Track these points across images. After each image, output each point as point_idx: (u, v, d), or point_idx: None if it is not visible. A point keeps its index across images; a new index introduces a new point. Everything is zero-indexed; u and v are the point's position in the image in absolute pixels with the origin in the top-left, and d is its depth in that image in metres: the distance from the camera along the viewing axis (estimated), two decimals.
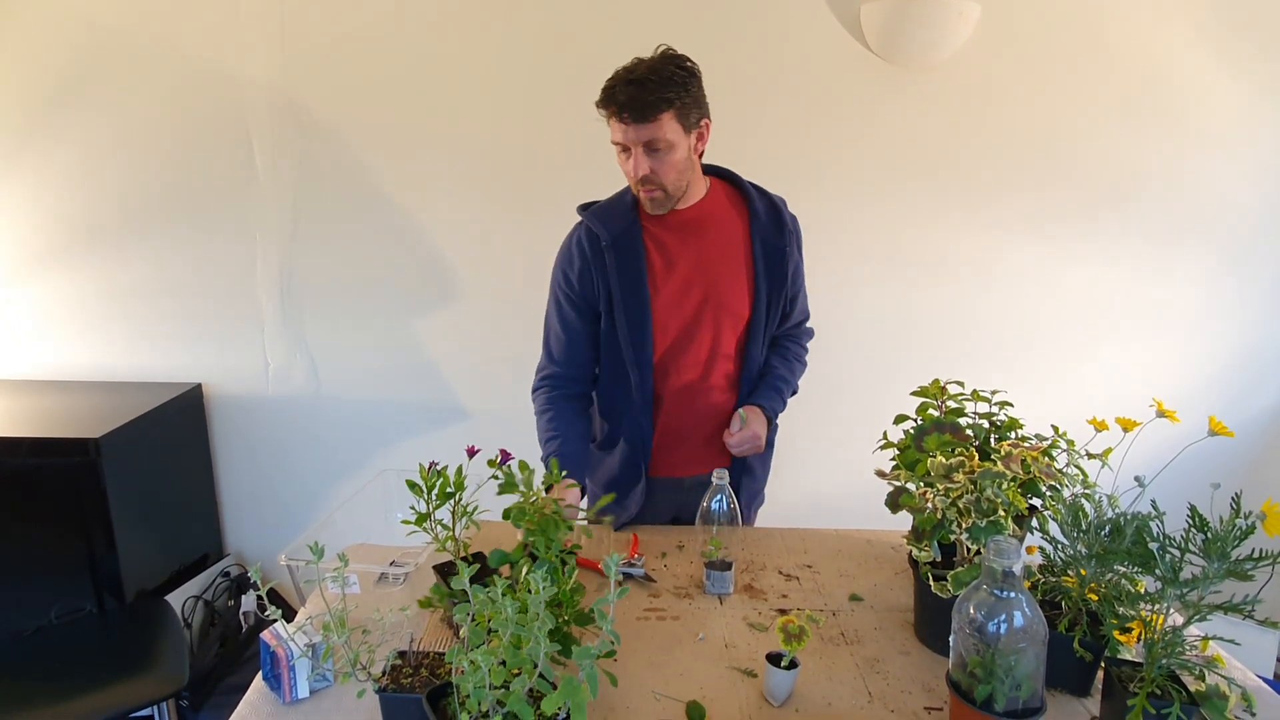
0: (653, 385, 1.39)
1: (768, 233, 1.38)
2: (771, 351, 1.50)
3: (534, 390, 1.47)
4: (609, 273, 1.34)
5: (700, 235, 1.37)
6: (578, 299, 1.39)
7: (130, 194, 2.11)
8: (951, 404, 1.16)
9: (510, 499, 1.08)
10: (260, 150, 2.08)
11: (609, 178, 1.53)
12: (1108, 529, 0.94)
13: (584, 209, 1.41)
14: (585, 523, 1.20)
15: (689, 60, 1.26)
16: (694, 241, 1.37)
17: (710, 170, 1.43)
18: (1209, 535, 0.86)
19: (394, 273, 2.17)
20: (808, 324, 1.58)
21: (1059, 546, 1.01)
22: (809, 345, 1.58)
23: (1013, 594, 0.82)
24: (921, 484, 1.03)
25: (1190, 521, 0.88)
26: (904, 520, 1.09)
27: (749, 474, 1.48)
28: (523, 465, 1.11)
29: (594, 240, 1.36)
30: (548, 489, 1.13)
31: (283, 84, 2.04)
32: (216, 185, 2.11)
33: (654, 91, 1.19)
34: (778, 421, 1.50)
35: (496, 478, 1.08)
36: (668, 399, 1.41)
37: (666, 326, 1.37)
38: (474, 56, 2.02)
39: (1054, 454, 1.06)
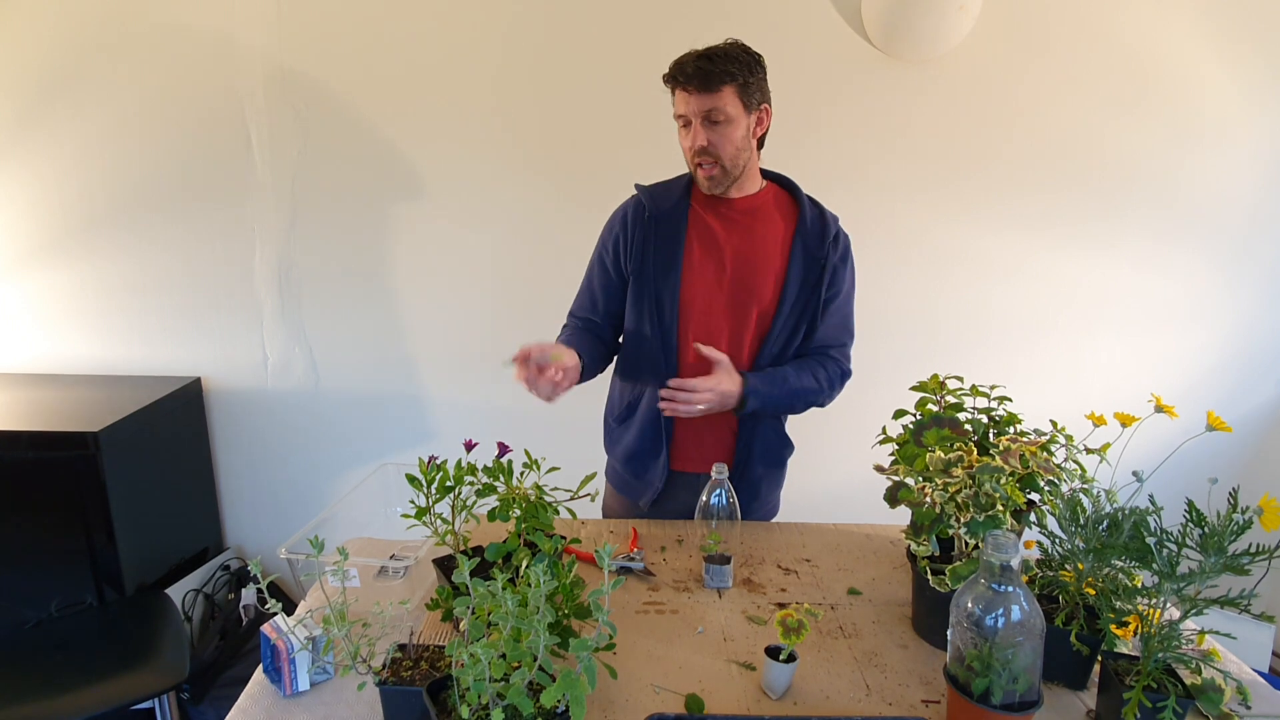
0: (676, 358, 1.40)
1: (810, 239, 1.37)
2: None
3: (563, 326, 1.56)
4: (646, 244, 1.40)
5: (744, 228, 1.39)
6: (611, 263, 1.45)
7: (127, 186, 2.11)
8: (950, 399, 1.16)
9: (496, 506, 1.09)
10: (258, 142, 2.08)
11: (617, 168, 1.53)
12: (1105, 524, 0.95)
13: (640, 185, 1.48)
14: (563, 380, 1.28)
15: (755, 51, 1.33)
16: (736, 232, 1.39)
17: (770, 175, 1.45)
18: (1206, 530, 0.86)
19: (394, 265, 2.17)
20: (840, 355, 1.44)
21: (1057, 541, 1.02)
22: (833, 384, 1.42)
23: (1010, 588, 0.83)
24: (920, 479, 1.03)
25: (1187, 516, 0.88)
26: (902, 515, 1.09)
27: (749, 483, 1.45)
28: (528, 456, 1.12)
29: (639, 212, 1.42)
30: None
31: (280, 74, 2.03)
32: (214, 177, 2.10)
33: (720, 64, 1.26)
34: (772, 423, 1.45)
35: (473, 483, 1.09)
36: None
37: (691, 304, 1.39)
38: (478, 46, 2.01)
39: (1052, 449, 1.06)
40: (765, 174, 1.44)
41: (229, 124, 2.06)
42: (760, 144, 1.38)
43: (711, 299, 1.38)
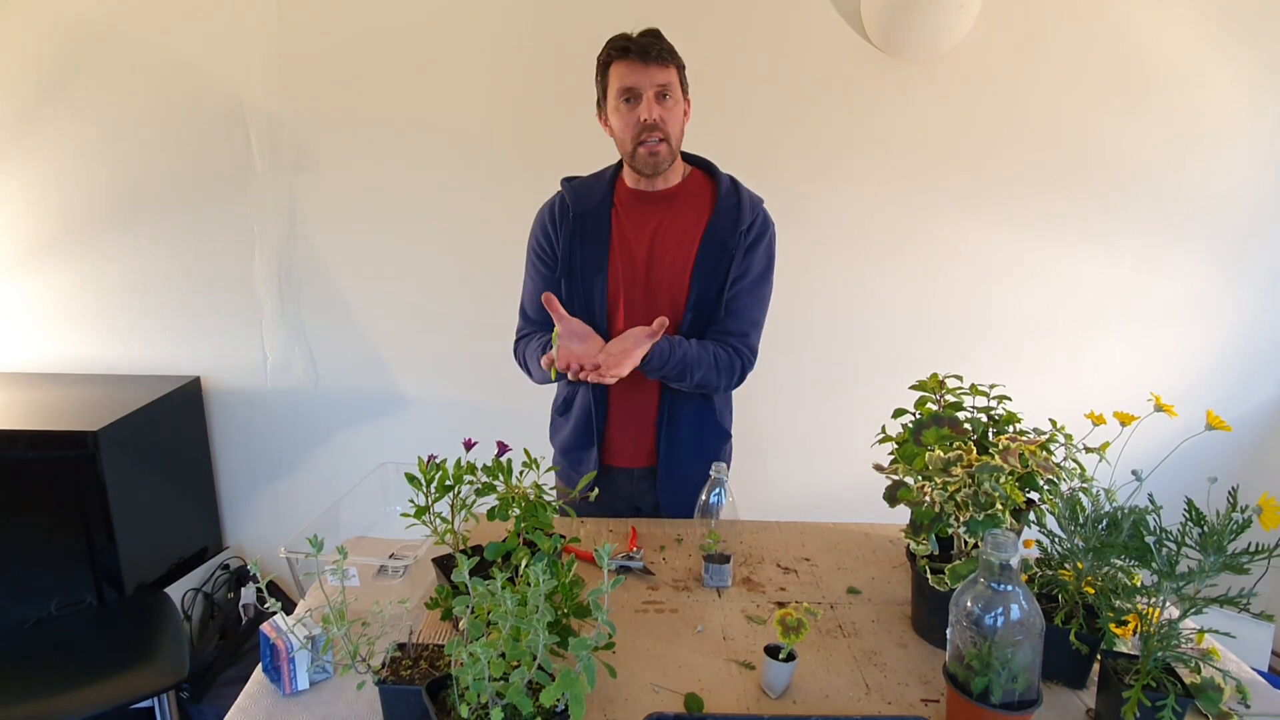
0: None
1: (722, 228, 1.36)
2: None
3: (514, 345, 1.51)
4: (572, 244, 1.39)
5: (666, 220, 1.39)
6: (543, 263, 1.44)
7: (128, 186, 2.10)
8: (950, 398, 1.16)
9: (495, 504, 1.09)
10: (258, 142, 2.07)
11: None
12: (1105, 523, 0.94)
13: (566, 181, 1.46)
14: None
15: None
16: (658, 225, 1.39)
17: (691, 159, 1.45)
18: (1205, 529, 0.86)
19: (393, 265, 2.16)
20: (741, 344, 1.38)
21: (1056, 540, 1.02)
22: (732, 369, 1.37)
23: (1010, 587, 0.83)
24: (919, 478, 1.03)
25: (1187, 515, 0.88)
26: (902, 514, 1.09)
27: (681, 479, 1.44)
28: (528, 456, 1.12)
29: (564, 211, 1.41)
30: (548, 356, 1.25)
31: (280, 75, 2.03)
32: (214, 177, 2.10)
33: (667, 45, 1.30)
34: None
35: (473, 481, 1.09)
36: None
37: (616, 300, 1.39)
38: (472, 49, 2.01)
39: (1052, 448, 1.06)
40: (688, 158, 1.44)
41: (229, 124, 2.06)
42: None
43: (633, 294, 1.38)
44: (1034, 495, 1.04)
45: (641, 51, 1.26)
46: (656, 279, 1.38)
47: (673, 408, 1.42)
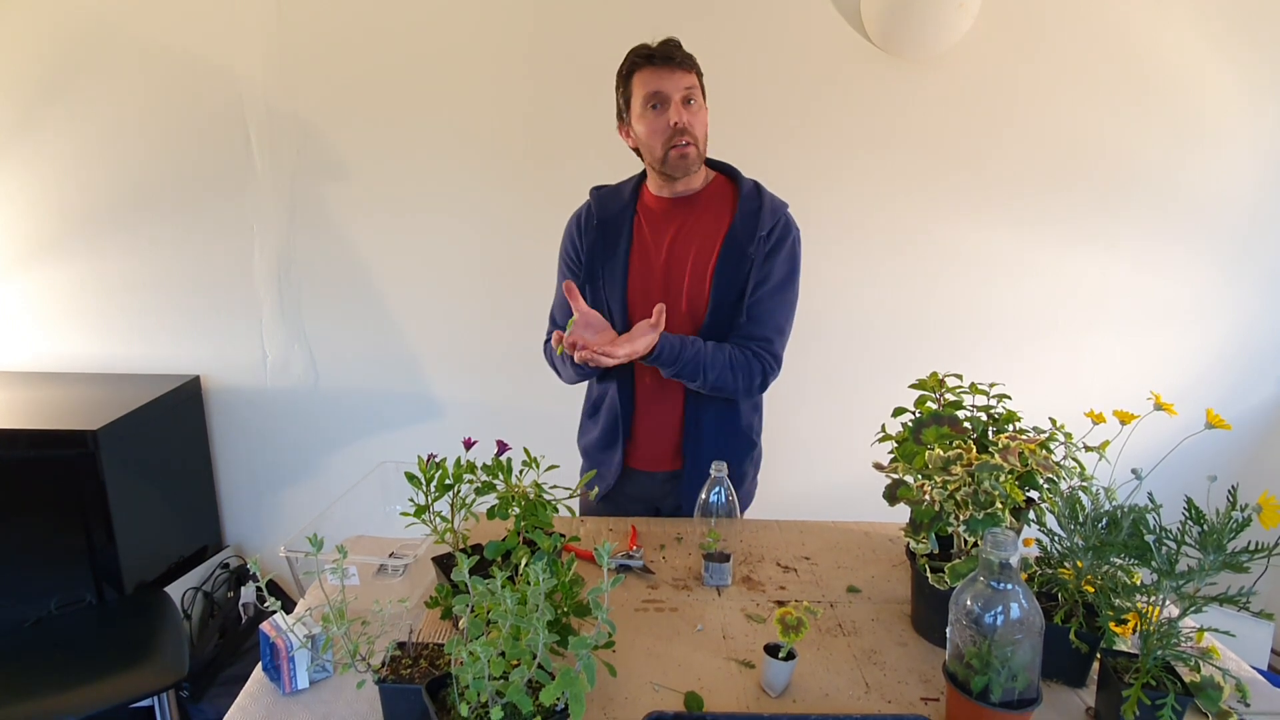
0: (631, 364, 1.40)
1: (741, 235, 1.36)
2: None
3: (544, 347, 1.54)
4: (594, 250, 1.42)
5: (687, 227, 1.39)
6: (574, 266, 1.47)
7: (127, 185, 2.11)
8: (949, 397, 1.16)
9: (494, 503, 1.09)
10: (258, 141, 2.08)
11: (608, 169, 1.54)
12: (1104, 521, 0.95)
13: (595, 190, 1.49)
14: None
15: None
16: (678, 231, 1.39)
17: (715, 165, 1.45)
18: (1205, 527, 0.86)
19: (392, 264, 2.17)
20: (762, 349, 1.36)
21: (1056, 539, 1.02)
22: (751, 374, 1.36)
23: (1009, 586, 0.83)
24: (919, 476, 1.03)
25: (1186, 514, 0.88)
26: (901, 512, 1.09)
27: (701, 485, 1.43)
28: (528, 455, 1.12)
29: (588, 219, 1.44)
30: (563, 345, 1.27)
31: (280, 74, 2.03)
32: (214, 176, 2.10)
33: (685, 51, 1.32)
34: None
35: (473, 480, 1.09)
36: (638, 379, 1.44)
37: (635, 307, 1.40)
38: (473, 49, 2.01)
39: (1052, 447, 1.06)
40: (712, 164, 1.45)
41: (228, 122, 2.06)
42: None
43: (652, 299, 1.38)
44: (1034, 494, 1.04)
45: (666, 57, 1.28)
46: (675, 284, 1.38)
47: (697, 413, 1.42)
